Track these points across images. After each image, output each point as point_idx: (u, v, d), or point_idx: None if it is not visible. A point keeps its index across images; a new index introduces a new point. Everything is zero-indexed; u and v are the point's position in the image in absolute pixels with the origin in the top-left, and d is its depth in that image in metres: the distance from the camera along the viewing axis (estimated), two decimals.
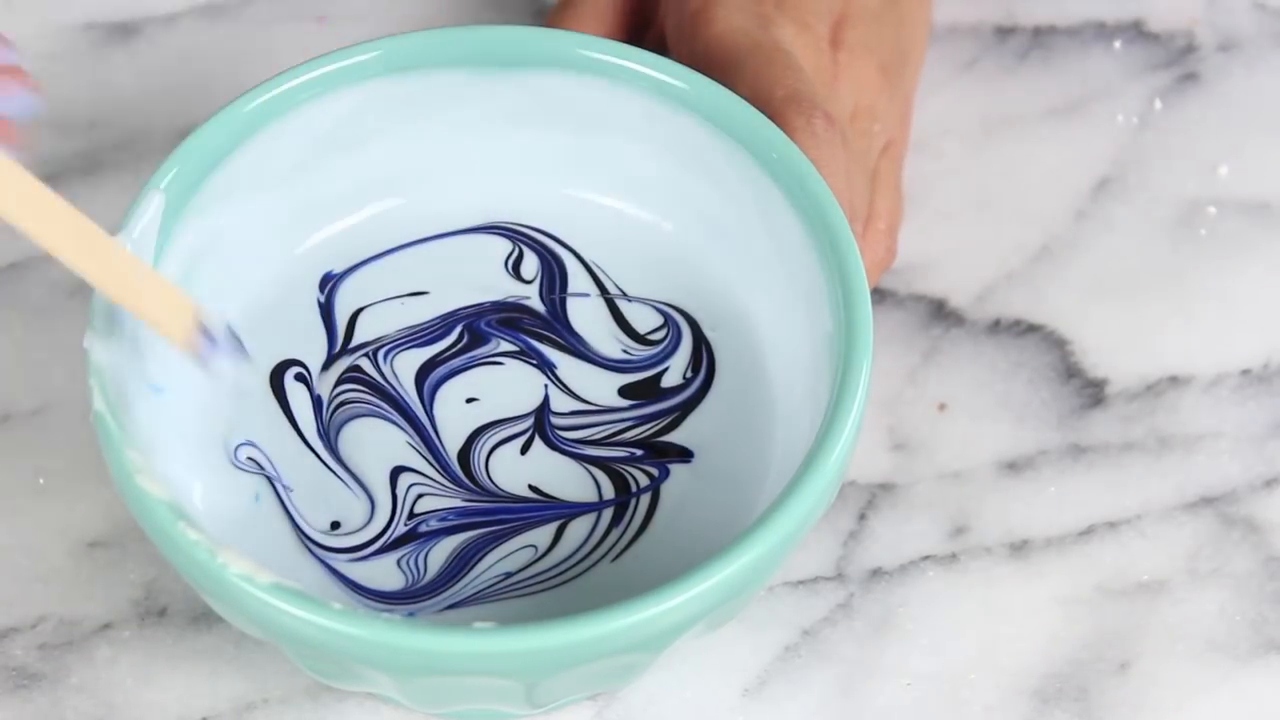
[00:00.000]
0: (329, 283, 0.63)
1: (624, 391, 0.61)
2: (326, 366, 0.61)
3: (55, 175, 0.69)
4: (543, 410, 0.61)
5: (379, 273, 0.63)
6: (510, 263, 0.63)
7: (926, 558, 0.63)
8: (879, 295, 0.67)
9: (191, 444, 0.59)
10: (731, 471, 0.60)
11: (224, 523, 0.58)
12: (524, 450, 0.60)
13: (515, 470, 0.60)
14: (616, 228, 0.63)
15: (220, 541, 0.53)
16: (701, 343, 0.62)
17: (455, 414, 0.61)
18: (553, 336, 0.62)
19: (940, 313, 0.67)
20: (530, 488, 0.60)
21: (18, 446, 0.64)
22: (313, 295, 0.62)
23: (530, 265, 0.63)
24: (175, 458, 0.57)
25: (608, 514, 0.59)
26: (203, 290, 0.59)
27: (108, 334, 0.55)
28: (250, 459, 0.60)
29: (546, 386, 0.61)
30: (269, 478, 0.59)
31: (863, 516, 0.63)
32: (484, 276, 0.63)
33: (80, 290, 0.66)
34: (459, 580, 0.58)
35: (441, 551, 0.59)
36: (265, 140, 0.60)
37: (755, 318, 0.62)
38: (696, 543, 0.58)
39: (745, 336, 0.62)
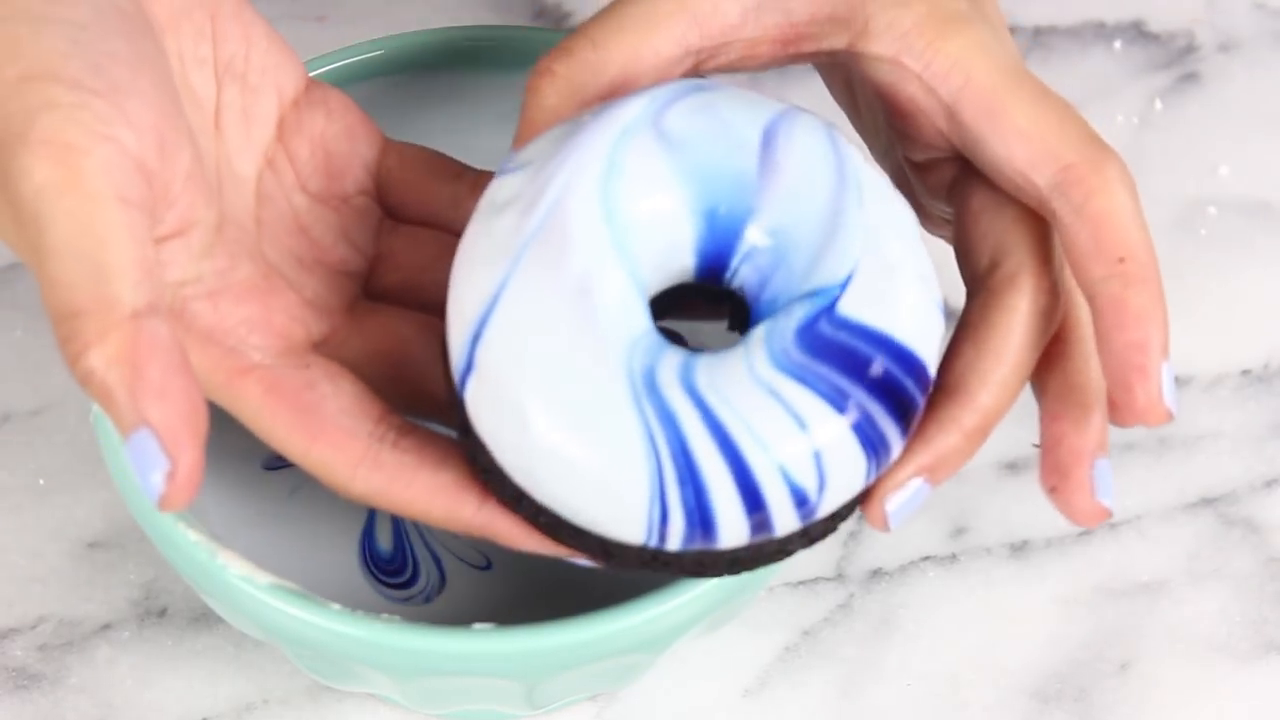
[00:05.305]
0: None
1: None
2: None
3: None
4: None
5: None
6: None
7: (926, 558, 0.63)
8: None
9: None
10: None
11: (248, 525, 0.58)
12: None
13: None
14: None
15: (220, 541, 0.53)
16: None
17: None
18: None
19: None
20: None
21: (18, 446, 0.64)
22: None
23: None
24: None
25: None
26: None
27: None
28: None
29: None
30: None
31: (863, 517, 0.63)
32: None
33: None
34: None
35: None
36: None
37: None
38: None
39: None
